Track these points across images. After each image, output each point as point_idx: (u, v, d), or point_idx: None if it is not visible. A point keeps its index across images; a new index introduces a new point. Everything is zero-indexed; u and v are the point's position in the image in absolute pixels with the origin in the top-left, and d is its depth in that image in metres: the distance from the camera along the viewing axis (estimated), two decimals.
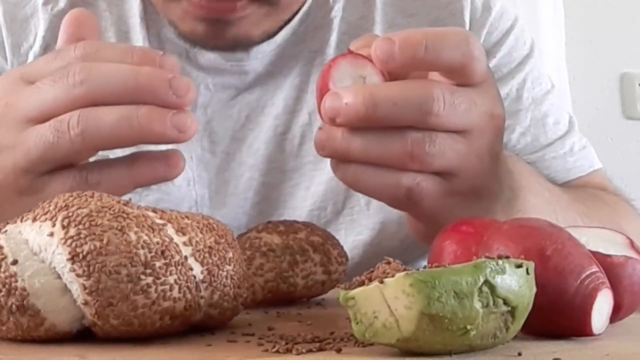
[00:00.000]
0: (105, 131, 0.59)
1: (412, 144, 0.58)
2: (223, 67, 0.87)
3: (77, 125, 0.59)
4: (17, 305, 0.49)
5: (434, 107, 0.57)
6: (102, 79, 0.59)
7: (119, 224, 0.49)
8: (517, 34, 0.94)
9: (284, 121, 0.88)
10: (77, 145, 0.59)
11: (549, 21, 2.17)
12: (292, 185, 0.88)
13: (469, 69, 0.59)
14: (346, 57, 0.59)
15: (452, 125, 0.59)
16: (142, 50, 0.63)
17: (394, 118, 0.57)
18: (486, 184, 0.63)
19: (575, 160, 0.93)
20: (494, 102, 0.62)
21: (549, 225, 0.51)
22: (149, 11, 0.88)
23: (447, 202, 0.61)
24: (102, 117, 0.59)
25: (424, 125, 0.58)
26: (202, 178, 0.87)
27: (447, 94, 0.58)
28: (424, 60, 0.57)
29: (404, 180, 0.59)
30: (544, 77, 0.96)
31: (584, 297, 0.48)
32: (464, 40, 0.58)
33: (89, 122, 0.59)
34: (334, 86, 0.59)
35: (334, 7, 0.90)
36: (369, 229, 0.88)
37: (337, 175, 0.61)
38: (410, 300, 0.42)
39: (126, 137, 0.59)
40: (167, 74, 0.60)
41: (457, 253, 0.54)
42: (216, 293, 0.52)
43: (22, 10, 0.89)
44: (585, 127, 2.05)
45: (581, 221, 0.73)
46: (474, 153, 0.61)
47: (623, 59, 2.30)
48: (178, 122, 0.59)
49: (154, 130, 0.59)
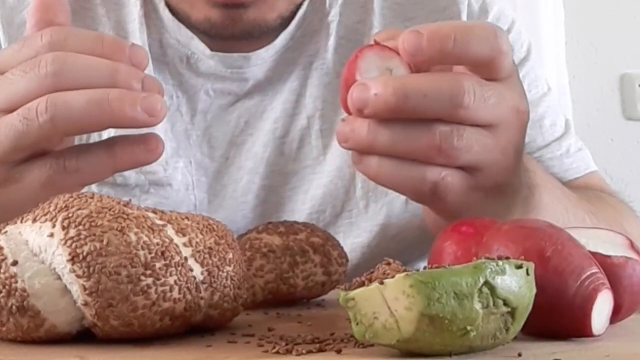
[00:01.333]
0: (75, 115, 0.58)
1: (440, 137, 0.57)
2: (223, 74, 0.87)
3: (46, 112, 0.58)
4: (17, 306, 0.49)
5: (464, 100, 0.57)
6: (76, 72, 0.59)
7: (119, 224, 0.49)
8: (515, 36, 0.94)
9: (283, 125, 0.88)
10: (46, 131, 0.58)
11: (549, 21, 2.16)
12: (291, 189, 0.88)
13: (497, 63, 0.58)
14: (373, 49, 0.59)
15: (480, 119, 0.58)
16: (111, 39, 0.62)
17: (424, 110, 0.57)
18: (509, 180, 0.63)
19: (572, 162, 0.94)
20: (520, 97, 0.61)
21: (548, 226, 0.51)
22: (152, 17, 0.88)
23: (470, 197, 0.60)
24: (71, 101, 0.58)
25: (453, 117, 0.57)
26: (201, 182, 0.87)
27: (477, 87, 0.57)
28: (452, 53, 0.57)
29: (429, 175, 0.59)
30: (541, 80, 0.96)
31: (584, 298, 0.48)
32: (492, 34, 0.58)
33: (58, 107, 0.58)
34: (361, 77, 0.58)
35: (331, 11, 0.89)
36: (368, 232, 0.88)
37: (359, 168, 0.60)
38: (410, 301, 0.42)
39: (96, 120, 0.59)
40: (141, 74, 0.60)
41: (457, 254, 0.54)
42: (216, 294, 0.52)
43: (19, 14, 0.88)
44: (585, 128, 2.06)
45: (589, 220, 0.73)
46: (499, 148, 0.60)
47: (623, 59, 2.30)
48: (148, 105, 0.58)
49: (124, 114, 0.58)
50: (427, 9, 0.91)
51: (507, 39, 0.58)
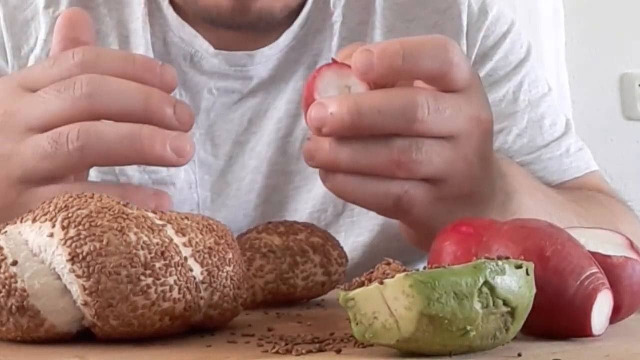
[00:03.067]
0: (105, 148, 0.58)
1: (398, 152, 0.58)
2: (227, 72, 0.87)
3: (77, 140, 0.58)
4: (17, 307, 0.49)
5: (418, 114, 0.57)
6: (111, 95, 0.59)
7: (119, 225, 0.49)
8: (514, 37, 0.95)
9: (287, 124, 0.88)
10: (74, 159, 0.58)
11: (549, 21, 2.17)
12: (294, 188, 0.88)
13: (450, 76, 0.59)
14: (331, 67, 0.59)
15: (438, 131, 0.59)
16: (143, 60, 0.62)
17: (380, 126, 0.57)
18: (477, 188, 0.63)
19: (572, 162, 0.93)
20: (480, 106, 0.61)
21: (549, 226, 0.51)
22: (156, 15, 0.88)
23: (437, 208, 0.61)
24: (104, 133, 0.58)
25: (410, 132, 0.58)
26: (205, 181, 0.87)
27: (432, 100, 0.58)
28: (403, 70, 0.58)
29: (392, 189, 0.59)
30: (541, 80, 0.96)
31: (584, 298, 0.48)
32: (442, 48, 0.58)
33: (90, 138, 0.58)
34: (319, 96, 0.59)
35: (335, 12, 0.90)
36: (369, 231, 0.88)
37: (327, 185, 0.61)
38: (410, 301, 0.42)
39: (126, 155, 0.59)
40: (173, 100, 0.60)
41: (457, 254, 0.54)
42: (216, 294, 0.52)
43: (22, 13, 0.89)
44: (585, 128, 2.06)
45: (577, 222, 0.73)
46: (461, 158, 0.60)
47: (623, 59, 2.30)
48: (178, 146, 0.58)
49: (154, 152, 0.58)
50: (428, 10, 0.92)
51: (459, 52, 0.59)
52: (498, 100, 0.91)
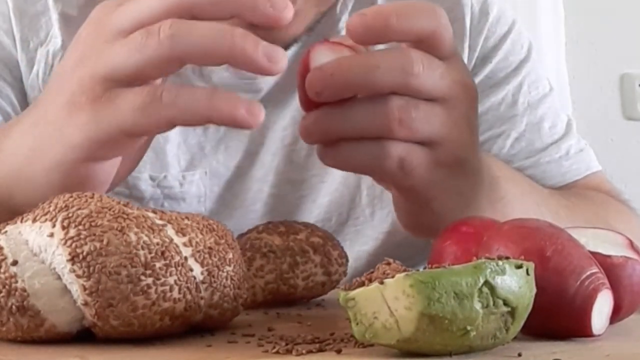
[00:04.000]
0: (195, 40, 0.56)
1: (398, 110, 0.58)
2: (236, 85, 0.86)
3: (169, 28, 0.56)
4: (17, 306, 0.49)
5: (415, 68, 0.58)
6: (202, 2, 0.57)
7: (119, 224, 0.49)
8: (514, 37, 0.94)
9: (292, 132, 0.88)
10: (164, 49, 0.56)
11: (549, 21, 2.17)
12: (299, 197, 0.88)
13: (439, 37, 0.60)
14: (324, 44, 0.60)
15: (430, 90, 0.59)
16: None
17: (379, 82, 0.58)
18: (468, 156, 0.64)
19: (571, 164, 0.93)
20: (463, 73, 0.63)
21: (549, 226, 0.51)
22: None
23: (435, 174, 0.61)
24: (195, 26, 0.56)
25: (407, 88, 0.58)
26: (213, 193, 0.87)
27: (425, 58, 0.59)
28: (397, 28, 0.58)
29: (394, 150, 0.59)
30: (542, 80, 0.95)
31: (584, 297, 0.48)
32: (431, 9, 0.59)
33: (182, 29, 0.56)
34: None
35: (342, 18, 0.89)
36: (373, 239, 0.88)
37: (327, 161, 0.61)
38: (410, 301, 0.42)
39: (216, 52, 0.56)
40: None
41: (457, 254, 0.54)
42: (216, 294, 0.52)
43: (32, 6, 0.88)
44: (585, 128, 2.05)
45: (563, 213, 0.74)
46: (453, 122, 0.61)
47: (623, 59, 2.30)
48: (270, 51, 0.56)
49: (245, 51, 0.56)
50: None
51: (445, 16, 0.60)
52: (497, 104, 0.91)
